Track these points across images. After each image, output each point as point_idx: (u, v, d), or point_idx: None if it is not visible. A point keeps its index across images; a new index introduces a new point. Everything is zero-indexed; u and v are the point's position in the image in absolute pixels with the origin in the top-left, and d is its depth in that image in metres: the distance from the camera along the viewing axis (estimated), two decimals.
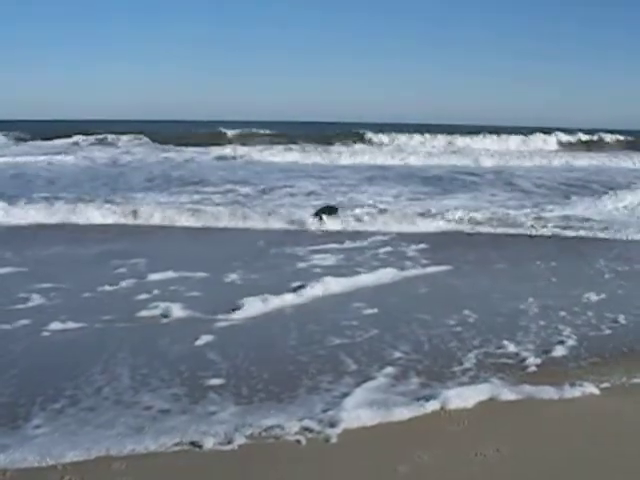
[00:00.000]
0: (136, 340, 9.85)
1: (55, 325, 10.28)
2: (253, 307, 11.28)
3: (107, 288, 12.55)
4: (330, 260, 15.40)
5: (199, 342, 9.71)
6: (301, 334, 10.16)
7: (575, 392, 8.04)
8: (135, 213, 20.08)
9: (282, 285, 12.64)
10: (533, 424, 7.33)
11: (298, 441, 6.79)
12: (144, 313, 11.07)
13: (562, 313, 11.43)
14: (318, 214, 20.00)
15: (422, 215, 21.07)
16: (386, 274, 13.93)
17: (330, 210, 20.43)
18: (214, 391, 8.01)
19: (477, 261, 15.77)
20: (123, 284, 12.83)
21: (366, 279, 13.53)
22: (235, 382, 8.29)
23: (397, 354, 9.31)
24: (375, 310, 11.44)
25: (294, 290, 12.36)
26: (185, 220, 19.88)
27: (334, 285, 12.78)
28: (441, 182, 33.59)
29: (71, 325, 10.32)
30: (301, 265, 14.84)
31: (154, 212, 20.35)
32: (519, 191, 30.55)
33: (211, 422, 7.15)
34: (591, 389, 8.14)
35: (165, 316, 10.98)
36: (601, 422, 7.44)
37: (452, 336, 10.14)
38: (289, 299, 11.90)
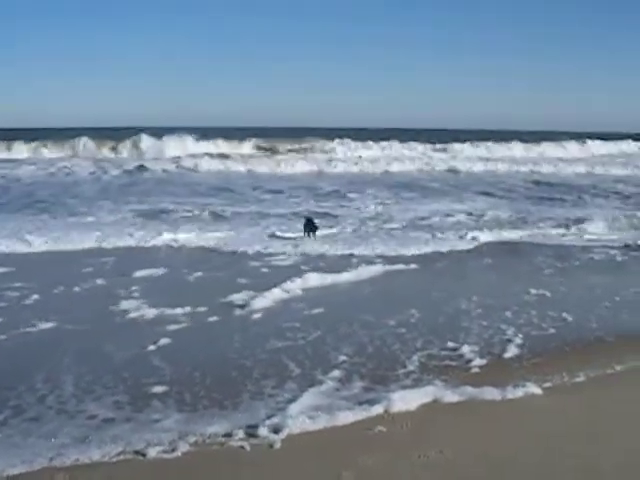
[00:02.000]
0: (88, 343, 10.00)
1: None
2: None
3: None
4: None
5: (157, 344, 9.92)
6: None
7: (518, 392, 8.12)
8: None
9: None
10: (476, 425, 7.39)
11: (242, 447, 6.78)
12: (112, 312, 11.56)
13: (506, 313, 11.58)
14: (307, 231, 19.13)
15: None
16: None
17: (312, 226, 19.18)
18: (157, 398, 8.00)
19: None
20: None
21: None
22: (178, 389, 8.28)
23: (341, 358, 9.40)
24: (322, 309, 11.59)
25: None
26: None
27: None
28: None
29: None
30: None
31: None
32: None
33: (155, 430, 7.12)
34: (534, 389, 8.22)
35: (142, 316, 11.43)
36: (544, 421, 7.53)
37: (396, 337, 10.26)
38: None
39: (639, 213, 24.39)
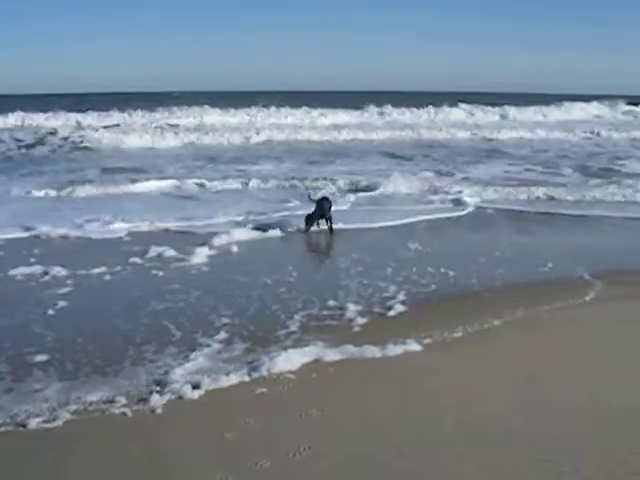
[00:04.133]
0: None
1: None
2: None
3: None
4: None
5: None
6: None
7: (397, 350, 8.29)
8: None
9: None
10: (356, 383, 7.55)
11: (124, 414, 6.78)
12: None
13: (387, 270, 11.80)
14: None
15: None
16: None
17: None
18: (38, 367, 7.92)
19: None
20: None
21: None
22: (60, 357, 8.22)
23: (225, 320, 9.46)
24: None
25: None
26: None
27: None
28: None
29: None
30: None
31: None
32: None
33: (35, 400, 7.05)
34: (413, 346, 8.42)
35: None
36: (422, 377, 7.73)
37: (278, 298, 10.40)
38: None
39: None
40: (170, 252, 13.01)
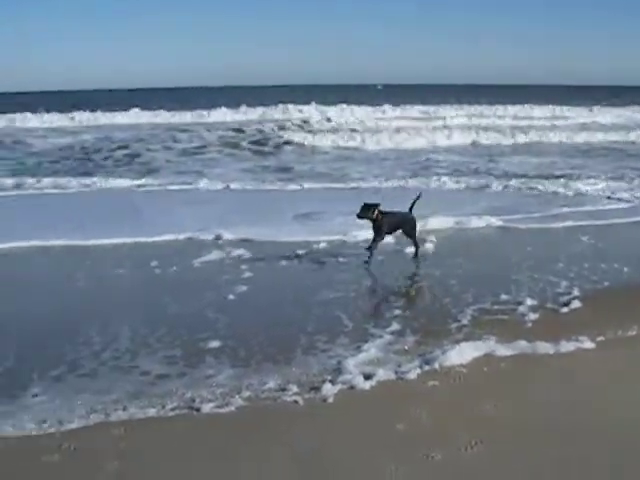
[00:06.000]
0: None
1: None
2: None
3: None
4: None
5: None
6: None
7: (570, 347, 8.06)
8: None
9: None
10: (528, 379, 7.38)
11: (296, 402, 6.82)
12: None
13: (559, 265, 11.55)
14: None
15: None
16: None
17: None
18: (211, 354, 8.08)
19: None
20: None
21: None
22: (232, 343, 8.36)
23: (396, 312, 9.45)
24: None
25: None
26: None
27: None
28: None
29: None
30: None
31: None
32: None
33: (209, 385, 7.19)
34: (587, 343, 8.15)
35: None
36: (596, 375, 7.48)
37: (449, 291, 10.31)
38: None
39: None
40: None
